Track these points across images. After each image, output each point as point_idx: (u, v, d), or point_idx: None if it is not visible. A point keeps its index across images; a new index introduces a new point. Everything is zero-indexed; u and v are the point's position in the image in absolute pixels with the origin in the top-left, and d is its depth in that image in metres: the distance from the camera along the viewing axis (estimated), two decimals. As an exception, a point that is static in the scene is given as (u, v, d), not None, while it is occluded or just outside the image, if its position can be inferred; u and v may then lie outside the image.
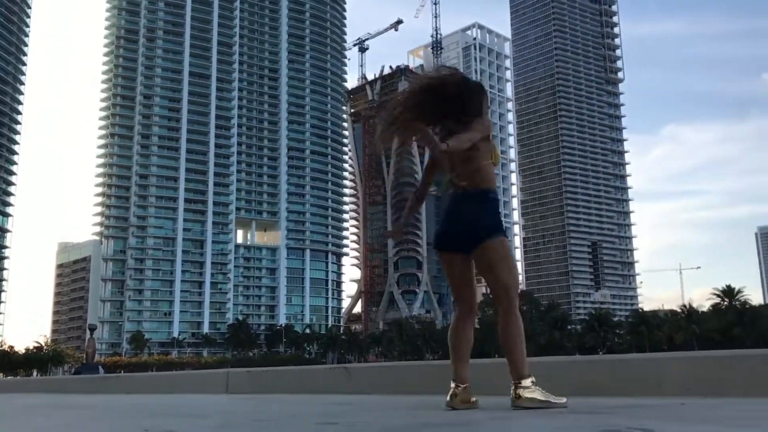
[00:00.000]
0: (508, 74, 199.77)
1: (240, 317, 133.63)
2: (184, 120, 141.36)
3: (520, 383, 3.25)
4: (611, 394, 4.11)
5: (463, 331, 3.51)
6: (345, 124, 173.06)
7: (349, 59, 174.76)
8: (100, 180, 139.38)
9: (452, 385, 3.43)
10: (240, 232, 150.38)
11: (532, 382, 3.26)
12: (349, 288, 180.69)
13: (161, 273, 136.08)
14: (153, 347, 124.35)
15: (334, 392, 5.38)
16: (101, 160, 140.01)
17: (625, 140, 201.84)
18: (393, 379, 5.44)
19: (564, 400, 3.26)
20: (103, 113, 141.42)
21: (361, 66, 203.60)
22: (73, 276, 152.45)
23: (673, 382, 3.96)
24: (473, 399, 3.42)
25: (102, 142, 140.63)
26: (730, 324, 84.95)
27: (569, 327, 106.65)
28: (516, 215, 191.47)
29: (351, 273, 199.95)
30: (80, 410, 4.47)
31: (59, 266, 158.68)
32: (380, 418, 3.17)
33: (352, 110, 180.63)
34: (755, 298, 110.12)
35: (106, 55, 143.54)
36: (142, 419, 3.50)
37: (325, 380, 5.86)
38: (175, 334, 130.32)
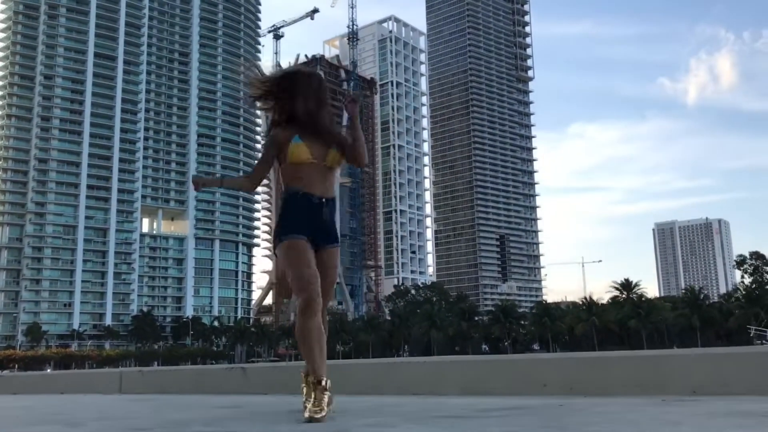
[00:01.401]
0: (423, 68, 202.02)
1: (145, 309, 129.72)
2: (88, 102, 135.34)
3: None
4: (501, 393, 4.20)
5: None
6: (258, 112, 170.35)
7: (263, 46, 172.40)
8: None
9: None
10: (146, 221, 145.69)
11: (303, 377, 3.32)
12: (260, 279, 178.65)
13: (61, 262, 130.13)
14: (51, 340, 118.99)
15: (230, 392, 5.30)
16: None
17: (534, 137, 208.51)
18: (289, 378, 5.40)
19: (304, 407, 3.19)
20: (0, 92, 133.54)
21: (276, 54, 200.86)
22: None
23: (557, 382, 4.08)
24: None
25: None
26: (627, 316, 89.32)
27: (476, 318, 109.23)
28: (428, 208, 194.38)
29: (262, 264, 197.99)
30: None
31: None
32: (260, 425, 3.13)
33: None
34: (651, 291, 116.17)
35: (2, 31, 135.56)
36: (15, 428, 3.32)
37: (221, 380, 5.75)
38: (76, 326, 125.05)
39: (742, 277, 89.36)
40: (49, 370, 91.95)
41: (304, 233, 3.37)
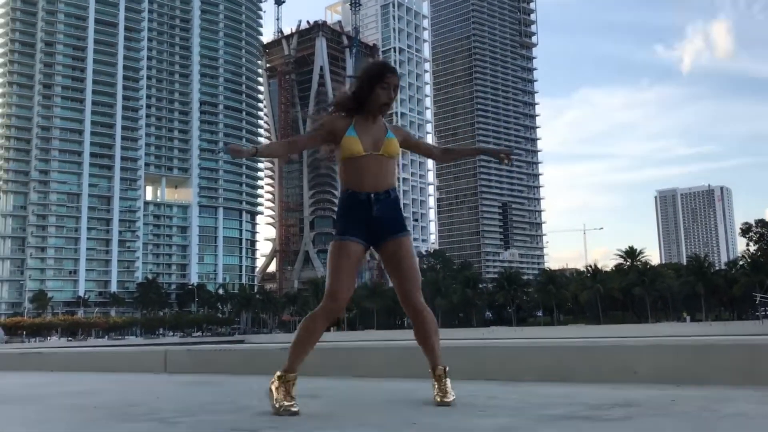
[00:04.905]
0: (426, 34, 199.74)
1: (150, 276, 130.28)
2: (89, 69, 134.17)
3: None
4: (584, 380, 4.07)
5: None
6: (260, 80, 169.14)
7: (264, 12, 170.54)
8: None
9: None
10: (150, 189, 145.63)
11: (278, 377, 3.27)
12: (264, 247, 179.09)
13: (65, 230, 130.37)
14: (57, 307, 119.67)
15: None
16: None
17: (537, 104, 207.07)
18: (350, 360, 5.30)
19: (294, 409, 3.15)
20: (0, 60, 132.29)
21: (278, 20, 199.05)
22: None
23: (649, 369, 3.94)
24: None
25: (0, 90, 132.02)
26: (632, 283, 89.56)
27: (480, 286, 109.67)
28: (431, 176, 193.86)
29: (266, 232, 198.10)
30: (25, 405, 4.05)
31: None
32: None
33: (268, 65, 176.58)
34: (653, 258, 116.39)
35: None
36: (115, 424, 3.20)
37: (275, 360, 5.60)
38: (81, 293, 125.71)
39: (747, 244, 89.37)
40: (68, 341, 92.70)
41: (355, 234, 3.28)
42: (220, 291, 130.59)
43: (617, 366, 4.05)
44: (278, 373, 3.30)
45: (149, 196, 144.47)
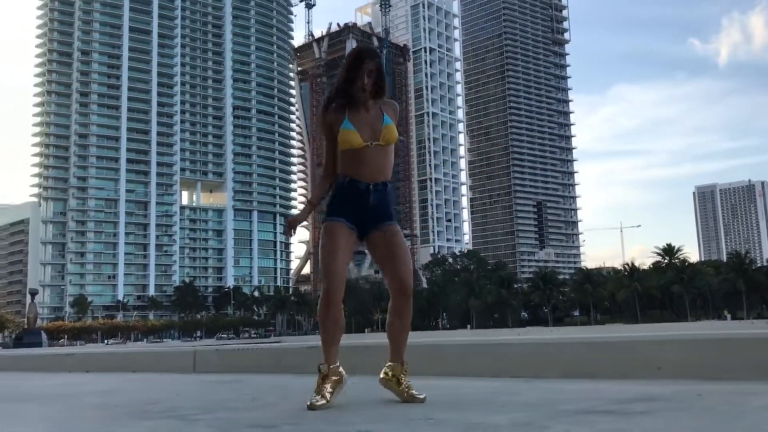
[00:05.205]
0: (457, 33, 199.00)
1: (187, 279, 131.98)
2: (125, 77, 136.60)
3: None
4: (608, 376, 3.99)
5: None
6: (292, 83, 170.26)
7: (295, 16, 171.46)
8: (38, 140, 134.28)
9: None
10: (185, 193, 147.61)
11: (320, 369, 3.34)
12: (298, 249, 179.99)
13: (104, 235, 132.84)
14: (97, 311, 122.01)
15: (310, 373, 5.16)
16: (38, 119, 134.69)
17: (571, 101, 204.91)
18: (372, 359, 5.26)
19: (318, 403, 3.19)
20: (39, 69, 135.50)
21: (308, 23, 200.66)
22: (10, 239, 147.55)
23: (673, 364, 3.85)
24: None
25: (38, 99, 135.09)
26: (670, 281, 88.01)
27: (515, 286, 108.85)
28: (464, 176, 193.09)
29: (299, 234, 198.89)
30: (50, 403, 4.13)
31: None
32: (391, 424, 2.97)
33: (299, 68, 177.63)
34: (692, 256, 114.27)
35: (40, 8, 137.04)
36: (123, 424, 3.22)
37: (301, 360, 5.64)
38: (120, 297, 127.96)
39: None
40: (107, 344, 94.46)
41: (346, 218, 3.31)
42: (256, 293, 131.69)
43: (641, 362, 3.96)
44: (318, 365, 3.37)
45: (185, 201, 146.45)
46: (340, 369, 3.36)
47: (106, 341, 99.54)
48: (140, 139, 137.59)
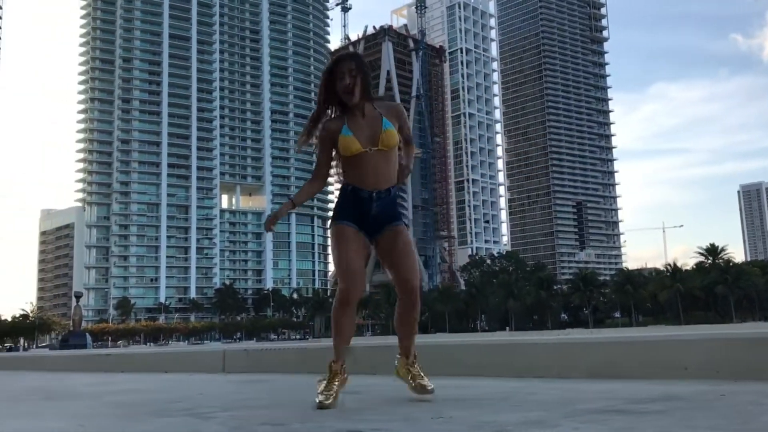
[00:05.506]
0: (493, 33, 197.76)
1: (227, 282, 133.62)
2: (165, 83, 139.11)
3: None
4: (633, 377, 3.92)
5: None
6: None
7: (331, 19, 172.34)
8: (81, 146, 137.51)
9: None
10: (225, 197, 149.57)
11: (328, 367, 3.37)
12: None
13: (146, 239, 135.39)
14: (140, 313, 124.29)
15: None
16: (82, 126, 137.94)
17: (610, 99, 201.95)
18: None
19: (327, 402, 3.22)
20: (82, 77, 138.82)
21: (344, 26, 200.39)
22: (56, 243, 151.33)
23: (700, 365, 3.76)
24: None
25: (82, 107, 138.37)
26: (714, 282, 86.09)
27: (555, 287, 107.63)
28: (501, 176, 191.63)
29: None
30: (75, 402, 4.22)
31: (42, 233, 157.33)
32: (399, 423, 2.96)
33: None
34: (737, 255, 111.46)
35: (83, 17, 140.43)
36: (139, 420, 3.27)
37: (326, 360, 5.62)
38: (162, 300, 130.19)
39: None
40: (143, 346, 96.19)
41: (353, 222, 3.32)
42: (294, 295, 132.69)
43: (667, 362, 3.87)
44: (328, 363, 3.39)
45: (224, 204, 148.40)
46: (345, 367, 3.40)
47: (148, 343, 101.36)
48: (181, 144, 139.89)
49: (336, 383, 3.28)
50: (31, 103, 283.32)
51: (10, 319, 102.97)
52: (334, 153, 3.41)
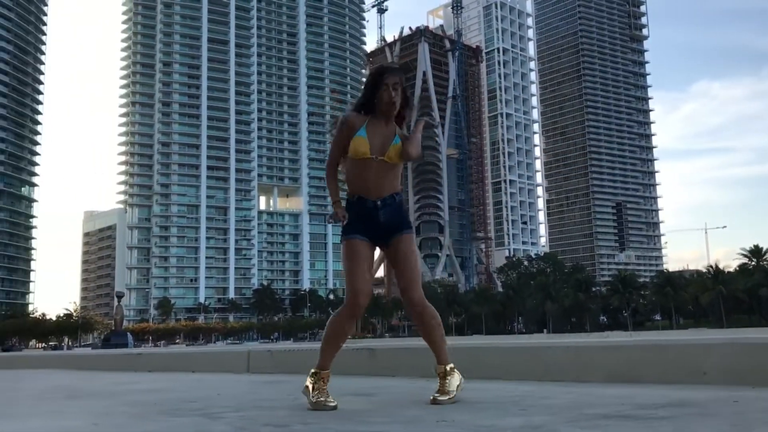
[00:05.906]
0: (531, 33, 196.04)
1: (265, 282, 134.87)
2: (204, 87, 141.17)
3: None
4: (651, 381, 3.85)
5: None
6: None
7: (367, 21, 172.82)
8: (123, 148, 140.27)
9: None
10: (263, 199, 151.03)
11: (312, 374, 3.39)
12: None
13: (186, 240, 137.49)
14: (180, 313, 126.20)
15: (357, 374, 5.22)
16: (123, 129, 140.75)
17: (650, 98, 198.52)
18: (417, 360, 5.23)
19: (332, 404, 3.26)
20: (124, 81, 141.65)
21: (380, 28, 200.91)
22: (99, 244, 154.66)
23: (719, 370, 3.67)
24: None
25: (123, 110, 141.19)
26: (758, 284, 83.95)
27: (594, 289, 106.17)
28: (539, 177, 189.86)
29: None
30: (96, 400, 4.32)
31: (86, 235, 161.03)
32: (399, 425, 2.96)
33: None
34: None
35: (124, 22, 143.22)
36: (150, 420, 3.33)
37: (348, 361, 5.65)
38: (201, 300, 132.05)
39: None
40: (180, 346, 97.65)
41: (362, 234, 3.38)
42: (331, 296, 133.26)
43: (686, 366, 3.80)
44: (312, 370, 3.40)
45: (262, 206, 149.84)
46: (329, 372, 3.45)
47: (186, 343, 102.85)
48: (219, 147, 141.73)
49: (325, 387, 3.34)
50: (75, 106, 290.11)
51: (54, 319, 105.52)
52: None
